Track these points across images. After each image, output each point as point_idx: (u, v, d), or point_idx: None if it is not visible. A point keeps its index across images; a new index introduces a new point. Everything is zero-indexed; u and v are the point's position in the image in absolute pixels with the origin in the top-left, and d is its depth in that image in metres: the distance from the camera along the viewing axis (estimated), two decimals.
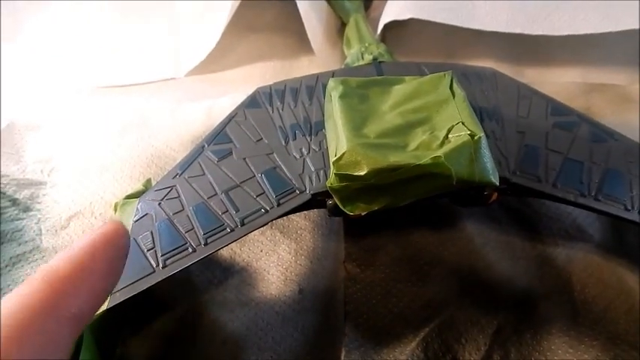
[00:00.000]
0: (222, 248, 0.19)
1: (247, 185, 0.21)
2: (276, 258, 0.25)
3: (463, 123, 0.19)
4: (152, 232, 0.20)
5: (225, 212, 0.20)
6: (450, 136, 0.18)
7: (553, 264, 0.24)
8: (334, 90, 0.22)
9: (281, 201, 0.20)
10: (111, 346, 0.21)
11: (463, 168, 0.18)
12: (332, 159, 0.19)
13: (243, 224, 0.19)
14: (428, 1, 0.35)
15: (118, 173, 0.29)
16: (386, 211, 0.18)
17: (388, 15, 0.35)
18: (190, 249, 0.19)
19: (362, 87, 0.22)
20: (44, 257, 0.25)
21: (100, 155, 0.30)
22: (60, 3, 0.44)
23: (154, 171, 0.29)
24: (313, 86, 0.25)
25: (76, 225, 0.27)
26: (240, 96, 0.26)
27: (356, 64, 0.30)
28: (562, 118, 0.23)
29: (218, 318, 0.23)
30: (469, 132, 0.18)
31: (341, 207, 0.19)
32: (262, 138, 0.23)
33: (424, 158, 0.17)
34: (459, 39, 0.37)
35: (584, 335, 0.22)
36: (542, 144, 0.22)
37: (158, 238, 0.19)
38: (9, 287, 0.24)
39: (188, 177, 0.22)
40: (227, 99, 0.33)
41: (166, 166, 0.29)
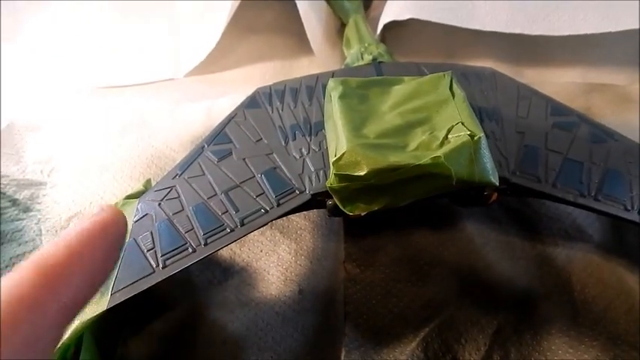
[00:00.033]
0: (222, 248, 0.19)
1: (247, 185, 0.21)
2: (276, 258, 0.25)
3: (463, 123, 0.19)
4: (152, 233, 0.20)
5: (225, 212, 0.20)
6: (450, 137, 0.18)
7: (553, 264, 0.24)
8: (334, 90, 0.22)
9: (281, 201, 0.20)
10: (111, 346, 0.21)
11: (463, 168, 0.18)
12: (332, 159, 0.18)
13: (243, 224, 0.19)
14: (428, 1, 0.35)
15: (118, 173, 0.29)
16: (386, 212, 0.18)
17: (388, 15, 0.35)
18: (190, 249, 0.19)
19: (362, 87, 0.22)
20: None
21: (100, 155, 0.30)
22: (60, 3, 0.44)
23: (154, 171, 0.29)
24: (313, 86, 0.25)
25: None
26: (239, 96, 0.26)
27: (356, 65, 0.30)
28: (562, 119, 0.23)
29: (218, 318, 0.23)
30: (469, 132, 0.18)
31: (341, 207, 0.19)
32: (262, 138, 0.23)
33: (424, 158, 0.17)
34: (459, 39, 0.37)
35: (584, 335, 0.22)
36: (541, 144, 0.22)
37: (158, 239, 0.19)
38: None
39: (188, 177, 0.22)
40: (227, 99, 0.33)
41: (166, 167, 0.29)
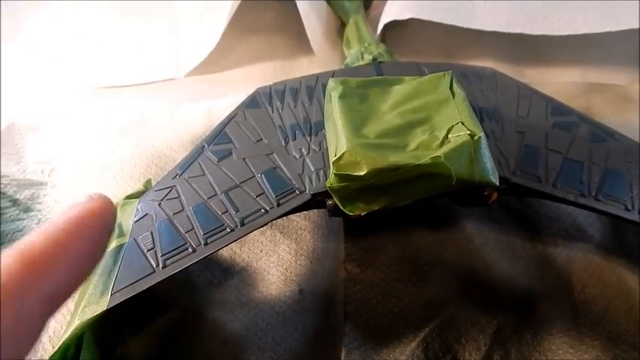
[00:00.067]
0: (222, 248, 0.19)
1: (247, 185, 0.21)
2: (276, 258, 0.25)
3: (463, 123, 0.19)
4: (152, 233, 0.20)
5: (225, 212, 0.20)
6: (450, 136, 0.18)
7: (553, 264, 0.24)
8: (334, 90, 0.22)
9: (281, 201, 0.20)
10: (111, 346, 0.21)
11: (463, 168, 0.18)
12: (332, 159, 0.19)
13: (243, 224, 0.19)
14: (428, 1, 0.35)
15: (118, 173, 0.29)
16: (386, 212, 0.18)
17: (388, 15, 0.35)
18: (190, 249, 0.19)
19: (362, 87, 0.22)
20: None
21: (100, 155, 0.30)
22: (60, 3, 0.44)
23: (154, 171, 0.29)
24: (313, 86, 0.25)
25: None
26: (240, 96, 0.26)
27: (356, 65, 0.30)
28: (562, 118, 0.23)
29: (218, 318, 0.23)
30: (469, 132, 0.18)
31: (341, 207, 0.19)
32: (262, 138, 0.23)
33: (424, 158, 0.17)
34: (459, 39, 0.37)
35: (584, 335, 0.22)
36: (542, 144, 0.22)
37: (158, 239, 0.19)
38: None
39: (188, 177, 0.22)
40: (227, 99, 0.33)
41: (166, 167, 0.29)
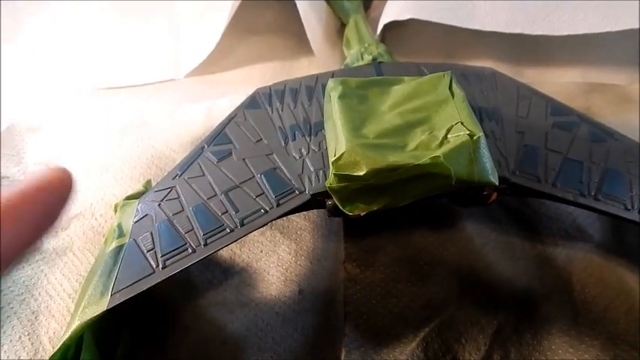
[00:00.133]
0: (221, 249, 0.19)
1: (247, 186, 0.21)
2: (276, 258, 0.25)
3: (462, 123, 0.19)
4: (152, 233, 0.20)
5: (224, 213, 0.20)
6: (449, 136, 0.18)
7: (553, 264, 0.24)
8: (333, 90, 0.22)
9: (280, 201, 0.20)
10: (111, 346, 0.21)
11: (462, 168, 0.18)
12: (331, 159, 0.18)
13: (242, 225, 0.19)
14: (428, 1, 0.35)
15: (118, 174, 0.29)
16: (385, 212, 0.18)
17: (388, 15, 0.35)
18: (190, 249, 0.19)
19: (361, 87, 0.22)
20: (44, 258, 0.25)
21: (100, 156, 0.30)
22: (60, 3, 0.44)
23: (154, 172, 0.29)
24: (313, 87, 0.25)
25: (77, 226, 0.27)
26: (239, 97, 0.26)
27: (355, 65, 0.30)
28: (562, 118, 0.23)
29: (218, 318, 0.23)
30: (468, 132, 0.18)
31: (340, 207, 0.19)
32: (262, 139, 0.23)
33: (423, 158, 0.17)
34: (459, 39, 0.37)
35: (584, 335, 0.22)
36: (541, 144, 0.22)
37: (158, 239, 0.19)
38: (9, 289, 0.24)
39: (188, 178, 0.22)
40: (227, 100, 0.33)
41: (166, 167, 0.29)
